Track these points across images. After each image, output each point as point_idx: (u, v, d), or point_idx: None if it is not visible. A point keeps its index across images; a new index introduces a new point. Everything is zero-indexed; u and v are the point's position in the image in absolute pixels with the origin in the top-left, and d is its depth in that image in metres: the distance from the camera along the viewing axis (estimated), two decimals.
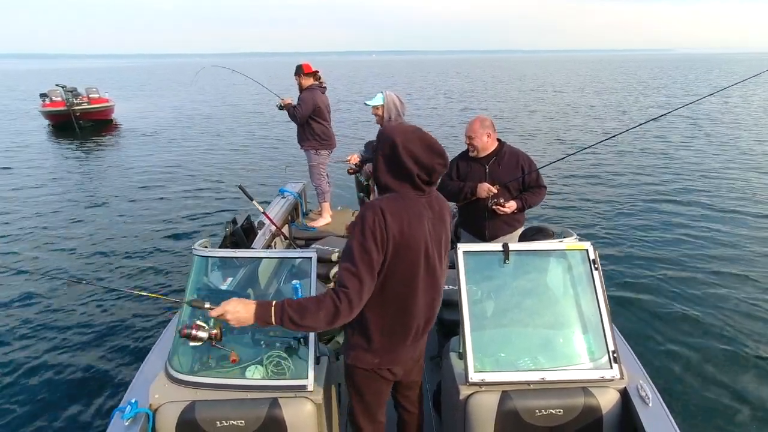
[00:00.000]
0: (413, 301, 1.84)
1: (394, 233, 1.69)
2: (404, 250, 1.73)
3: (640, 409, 2.06)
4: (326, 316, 1.66)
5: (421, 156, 1.72)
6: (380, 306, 1.81)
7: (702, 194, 9.11)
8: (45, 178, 11.46)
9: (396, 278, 1.77)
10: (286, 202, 5.15)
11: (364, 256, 1.67)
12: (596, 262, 2.30)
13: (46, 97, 19.09)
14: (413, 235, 1.73)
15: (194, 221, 8.22)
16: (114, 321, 5.05)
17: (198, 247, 2.50)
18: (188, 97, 32.75)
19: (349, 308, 1.67)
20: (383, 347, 1.88)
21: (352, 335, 1.92)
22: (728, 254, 6.35)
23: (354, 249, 1.69)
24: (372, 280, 1.70)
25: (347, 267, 1.69)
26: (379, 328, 1.85)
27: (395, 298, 1.81)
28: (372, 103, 3.95)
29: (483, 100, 28.77)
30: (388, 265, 1.74)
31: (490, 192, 3.17)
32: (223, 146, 15.16)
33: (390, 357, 1.91)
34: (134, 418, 2.07)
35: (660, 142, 14.20)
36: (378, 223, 1.68)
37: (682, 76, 51.37)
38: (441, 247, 1.90)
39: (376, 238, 1.68)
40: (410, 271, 1.78)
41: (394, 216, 1.70)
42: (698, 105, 22.30)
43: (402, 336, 1.89)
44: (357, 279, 1.67)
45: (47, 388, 4.05)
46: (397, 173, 1.76)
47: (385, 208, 1.70)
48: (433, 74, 66.72)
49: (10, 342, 4.71)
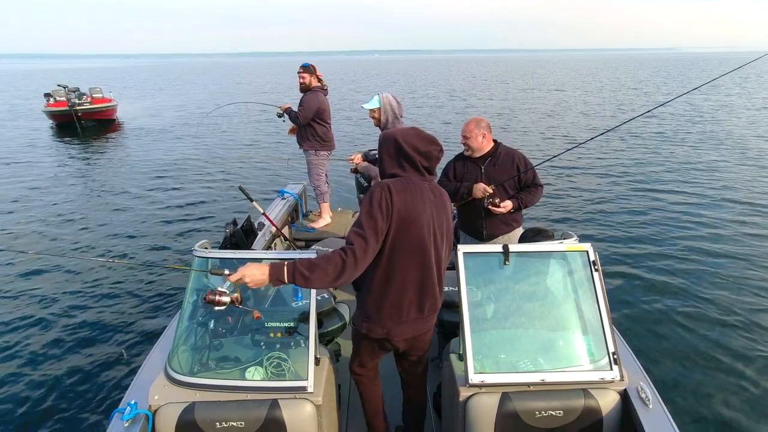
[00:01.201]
0: (418, 278, 2.02)
1: (399, 207, 1.91)
2: (408, 225, 1.93)
3: (641, 411, 2.05)
4: (334, 271, 1.83)
5: (419, 145, 2.00)
6: (387, 282, 2.00)
7: (702, 193, 9.10)
8: (44, 177, 11.49)
9: (404, 252, 1.96)
10: (286, 203, 5.15)
11: (370, 221, 1.89)
12: (596, 264, 2.30)
13: (51, 97, 19.35)
14: (416, 211, 1.95)
15: (194, 222, 8.23)
16: (113, 321, 5.06)
17: (198, 248, 2.51)
18: (191, 97, 32.79)
19: (354, 263, 1.84)
20: (390, 319, 2.07)
21: (364, 307, 2.12)
22: (730, 254, 6.33)
23: (362, 215, 1.92)
24: (376, 242, 1.89)
25: (355, 229, 1.90)
26: (387, 303, 2.04)
27: (402, 273, 1.99)
28: (368, 107, 3.92)
29: (482, 99, 28.79)
30: (395, 238, 1.93)
31: (486, 192, 3.18)
32: (223, 147, 15.19)
33: (398, 329, 2.09)
34: (134, 420, 2.07)
35: (660, 142, 14.18)
36: (384, 197, 1.90)
37: (680, 74, 51.35)
38: (443, 229, 2.09)
39: (382, 208, 1.89)
40: (417, 245, 1.98)
41: (399, 193, 1.93)
42: (698, 104, 22.30)
43: (407, 311, 2.07)
44: (362, 238, 1.87)
45: (46, 389, 4.05)
46: (402, 164, 2.02)
47: (391, 185, 1.94)
48: (435, 74, 66.74)
49: (9, 342, 4.72)
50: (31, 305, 5.44)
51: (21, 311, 5.30)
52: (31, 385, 4.11)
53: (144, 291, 5.72)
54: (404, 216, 1.91)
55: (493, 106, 25.25)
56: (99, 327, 4.98)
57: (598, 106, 23.94)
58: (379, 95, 3.92)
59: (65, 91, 19.00)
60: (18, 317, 5.17)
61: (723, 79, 33.48)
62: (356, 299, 2.20)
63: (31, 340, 4.76)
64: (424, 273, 2.03)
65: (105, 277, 6.12)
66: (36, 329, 4.95)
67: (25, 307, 5.38)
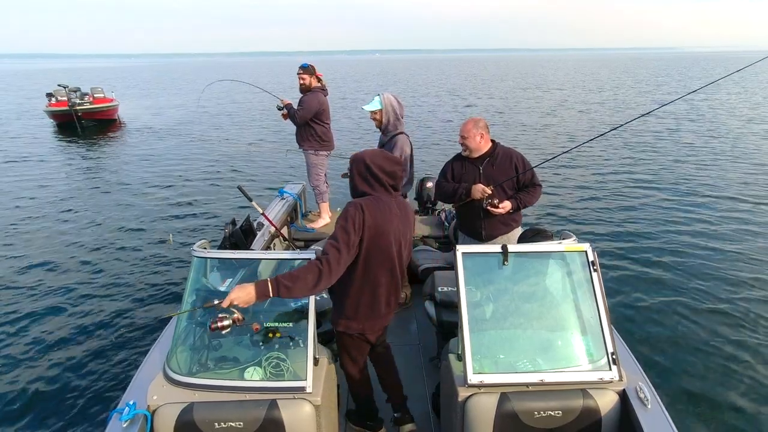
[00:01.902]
0: (387, 280, 2.34)
1: (370, 223, 2.19)
2: (378, 237, 2.22)
3: (639, 411, 2.05)
4: (313, 279, 2.07)
5: (385, 165, 2.30)
6: (363, 285, 2.30)
7: (702, 192, 9.10)
8: (44, 176, 11.50)
9: (375, 261, 2.26)
10: (285, 203, 5.15)
11: (344, 236, 2.15)
12: (595, 264, 2.29)
13: (52, 96, 19.49)
14: (385, 225, 2.24)
15: (193, 222, 8.23)
16: (112, 322, 5.06)
17: (197, 248, 2.51)
18: (193, 97, 32.78)
19: (329, 271, 2.09)
20: (365, 316, 2.38)
21: (341, 308, 2.39)
22: (729, 253, 6.33)
23: (337, 230, 2.19)
24: (348, 253, 2.15)
25: (331, 242, 2.17)
26: (362, 302, 2.34)
27: (375, 277, 2.30)
28: (369, 108, 3.85)
29: (482, 98, 28.77)
30: (368, 248, 2.21)
31: (485, 193, 3.17)
32: (223, 147, 15.18)
33: (370, 324, 2.41)
34: (132, 420, 2.07)
35: (659, 142, 14.18)
36: (357, 214, 2.18)
37: (680, 74, 51.30)
38: (407, 239, 2.41)
39: (355, 224, 2.16)
40: (386, 254, 2.28)
41: (370, 210, 2.20)
42: (697, 104, 22.31)
43: (379, 308, 2.38)
44: (336, 249, 2.13)
45: (44, 390, 4.05)
46: (370, 182, 2.30)
47: (363, 204, 2.22)
48: (437, 74, 66.71)
49: (7, 343, 4.72)
50: (29, 304, 5.44)
51: (19, 311, 5.30)
52: (30, 384, 4.11)
53: (142, 291, 5.72)
54: (374, 231, 2.20)
55: (494, 105, 25.25)
56: (97, 326, 4.98)
57: (598, 106, 23.93)
58: (380, 96, 3.85)
59: (66, 91, 19.14)
60: (15, 317, 5.17)
61: (723, 79, 33.46)
62: (332, 302, 2.47)
63: (29, 340, 4.76)
64: (391, 275, 2.35)
65: (103, 276, 6.13)
66: (34, 328, 4.95)
67: (24, 306, 5.38)
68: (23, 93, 39.48)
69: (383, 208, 2.25)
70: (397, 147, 3.79)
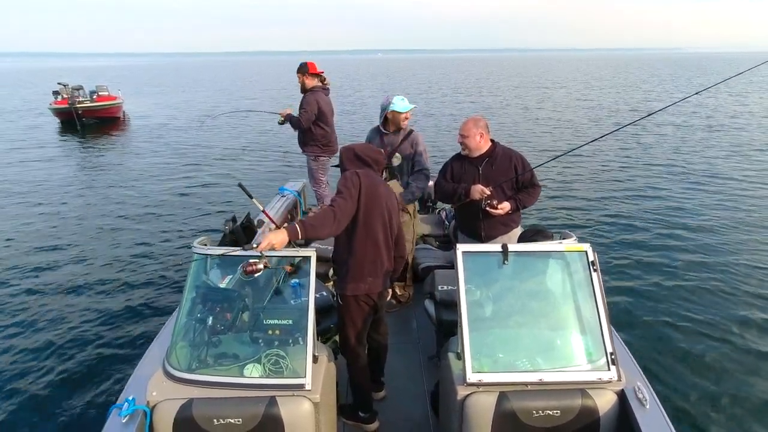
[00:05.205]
0: (384, 236, 2.63)
1: (365, 184, 2.53)
2: (373, 198, 2.55)
3: (638, 411, 2.05)
4: (330, 221, 2.38)
5: (370, 154, 2.72)
6: (366, 239, 2.57)
7: (703, 193, 9.09)
8: (42, 175, 11.50)
9: (373, 217, 2.56)
10: (285, 201, 5.15)
11: (346, 189, 2.49)
12: (595, 264, 2.29)
13: (58, 94, 19.84)
14: (377, 189, 2.59)
15: (194, 219, 8.23)
16: (112, 318, 5.07)
17: (197, 245, 2.51)
18: (194, 97, 32.78)
19: (341, 214, 2.42)
20: (371, 273, 2.61)
21: (348, 271, 2.60)
22: (729, 254, 6.32)
23: (340, 186, 2.54)
24: (352, 203, 2.48)
25: (336, 195, 2.52)
26: (367, 259, 2.59)
27: (374, 233, 2.58)
28: (407, 109, 3.84)
29: (483, 96, 28.75)
30: (366, 205, 2.52)
31: (484, 193, 3.14)
32: (224, 145, 15.17)
33: (375, 283, 2.63)
34: (132, 415, 2.07)
35: (659, 142, 14.16)
36: (354, 176, 2.54)
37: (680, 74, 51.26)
38: (394, 207, 2.71)
39: (354, 183, 2.51)
40: (380, 212, 2.59)
41: (364, 177, 2.56)
42: (698, 103, 22.28)
43: (381, 262, 2.64)
44: (343, 198, 2.46)
45: (44, 385, 4.05)
46: (358, 165, 2.68)
47: (359, 172, 2.60)
48: (438, 74, 66.65)
49: (6, 339, 4.72)
50: (29, 299, 5.45)
51: (19, 306, 5.31)
52: (29, 380, 4.12)
53: (143, 287, 5.73)
54: (370, 191, 2.54)
55: (494, 105, 25.22)
56: (97, 322, 4.98)
57: (598, 105, 23.90)
58: (403, 98, 3.89)
59: (67, 89, 19.46)
60: (15, 314, 5.18)
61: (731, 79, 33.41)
62: (338, 273, 2.72)
63: (29, 335, 4.76)
64: (386, 234, 2.64)
65: (103, 273, 6.13)
66: (34, 324, 4.96)
67: (24, 302, 5.39)
68: (30, 91, 39.53)
69: (373, 176, 2.65)
70: (420, 142, 3.87)
